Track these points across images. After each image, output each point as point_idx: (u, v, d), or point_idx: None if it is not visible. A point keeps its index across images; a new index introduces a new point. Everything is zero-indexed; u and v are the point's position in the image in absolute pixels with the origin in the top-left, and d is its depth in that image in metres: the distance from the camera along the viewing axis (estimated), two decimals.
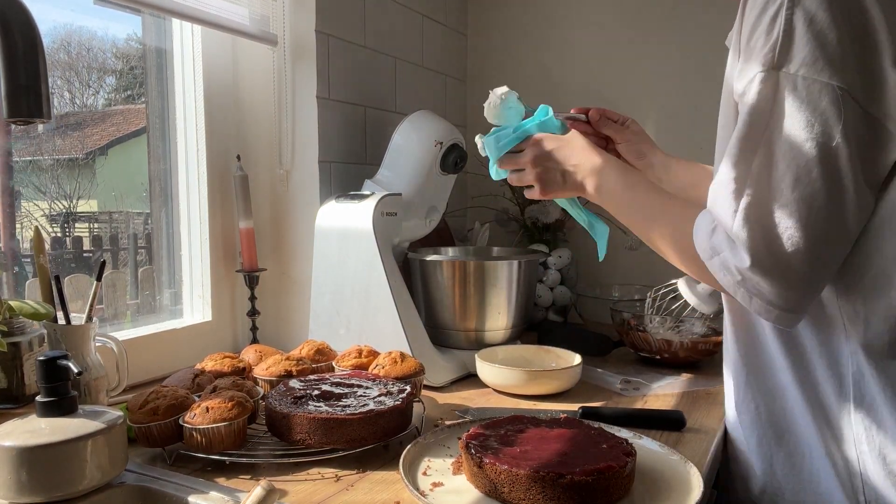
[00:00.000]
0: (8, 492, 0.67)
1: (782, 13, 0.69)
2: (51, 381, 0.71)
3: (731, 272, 0.72)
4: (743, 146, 0.72)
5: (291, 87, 1.26)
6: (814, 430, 0.81)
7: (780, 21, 0.69)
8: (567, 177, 0.92)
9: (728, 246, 0.72)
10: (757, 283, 0.71)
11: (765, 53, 0.70)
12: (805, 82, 0.68)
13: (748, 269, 0.70)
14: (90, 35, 1.17)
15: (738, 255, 0.71)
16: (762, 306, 0.72)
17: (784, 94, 0.69)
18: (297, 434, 0.80)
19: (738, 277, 0.72)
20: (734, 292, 0.74)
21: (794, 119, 0.69)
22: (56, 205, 1.17)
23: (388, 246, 1.15)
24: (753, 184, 0.71)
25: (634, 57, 1.62)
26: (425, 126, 1.24)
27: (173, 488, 0.73)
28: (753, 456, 0.89)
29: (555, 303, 1.56)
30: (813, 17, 0.68)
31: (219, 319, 1.29)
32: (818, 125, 0.68)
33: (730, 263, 0.72)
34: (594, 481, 0.66)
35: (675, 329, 1.25)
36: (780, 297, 0.71)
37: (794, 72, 0.69)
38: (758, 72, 0.71)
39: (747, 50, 0.73)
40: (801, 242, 0.69)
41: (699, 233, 0.76)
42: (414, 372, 0.98)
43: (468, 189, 1.81)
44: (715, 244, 0.74)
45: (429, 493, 0.71)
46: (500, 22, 1.78)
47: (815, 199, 0.68)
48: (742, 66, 0.74)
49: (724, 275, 0.73)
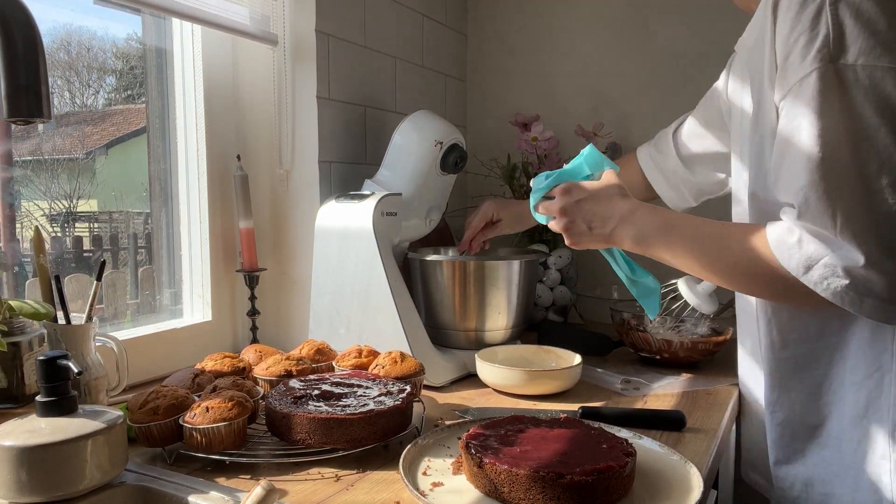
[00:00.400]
0: (8, 492, 0.67)
1: (826, 10, 0.70)
2: (51, 380, 0.71)
3: (837, 277, 0.70)
4: (819, 145, 0.70)
5: (291, 87, 1.26)
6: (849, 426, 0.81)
7: (825, 16, 0.70)
8: (594, 228, 0.88)
9: (830, 250, 0.70)
10: (869, 281, 0.69)
11: (817, 49, 0.70)
12: (866, 70, 0.68)
13: (862, 266, 0.69)
14: (90, 35, 1.17)
15: (847, 256, 0.70)
16: (876, 305, 0.70)
17: (848, 84, 0.69)
18: (297, 434, 0.80)
19: (845, 281, 0.70)
20: (840, 299, 0.71)
21: (865, 107, 0.69)
22: (56, 205, 1.17)
23: (388, 246, 1.15)
24: (843, 180, 0.70)
25: (634, 57, 1.62)
26: (425, 126, 1.24)
27: (173, 488, 0.73)
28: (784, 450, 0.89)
29: (555, 303, 1.56)
30: (859, 9, 0.69)
31: (219, 319, 1.29)
32: (888, 108, 0.68)
33: (835, 268, 0.70)
34: (594, 481, 0.66)
35: (676, 329, 1.25)
36: (892, 289, 0.70)
37: (852, 62, 0.69)
38: (812, 69, 0.70)
39: (786, 51, 0.72)
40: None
41: (783, 248, 0.74)
42: (414, 372, 0.98)
43: (468, 189, 1.81)
44: (810, 254, 0.72)
45: (429, 493, 0.71)
46: (500, 22, 1.78)
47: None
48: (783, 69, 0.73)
49: (827, 284, 0.71)
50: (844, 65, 0.69)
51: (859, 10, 0.69)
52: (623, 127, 1.62)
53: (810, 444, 0.87)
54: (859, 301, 0.71)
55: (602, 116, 1.63)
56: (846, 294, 0.71)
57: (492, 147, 1.75)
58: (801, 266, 0.72)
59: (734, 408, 1.05)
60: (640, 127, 1.63)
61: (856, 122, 0.69)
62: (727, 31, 1.51)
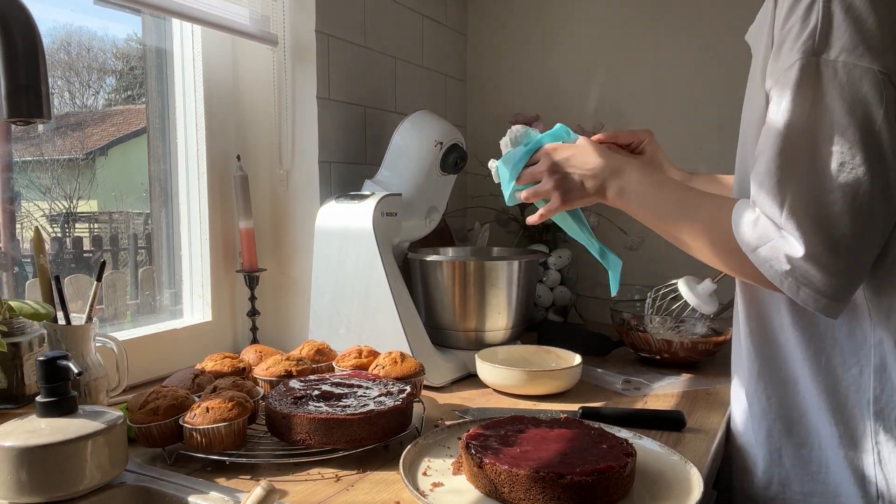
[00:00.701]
0: (8, 492, 0.67)
1: (819, 1, 0.70)
2: (51, 381, 0.71)
3: (780, 261, 0.72)
4: (784, 134, 0.72)
5: (291, 87, 1.27)
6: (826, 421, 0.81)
7: (817, 9, 0.70)
8: (586, 181, 0.90)
9: (776, 235, 0.72)
10: (807, 272, 0.70)
11: (803, 41, 0.70)
12: (846, 67, 0.69)
13: (801, 258, 0.70)
14: (90, 35, 1.17)
15: (789, 244, 0.71)
16: (810, 296, 0.72)
17: (825, 80, 0.70)
18: (298, 434, 0.80)
19: (786, 267, 0.71)
20: (780, 283, 0.73)
21: (836, 104, 0.69)
22: (56, 205, 1.17)
23: (388, 246, 1.15)
24: (798, 171, 0.71)
25: (634, 57, 1.62)
26: (425, 126, 1.24)
27: (173, 488, 0.73)
28: (760, 448, 0.89)
29: (555, 303, 1.56)
30: (851, 4, 0.69)
31: (219, 319, 1.29)
32: (860, 109, 0.69)
33: (779, 252, 0.71)
34: (594, 481, 0.66)
35: (675, 329, 1.25)
36: (830, 285, 0.70)
37: (834, 58, 0.69)
38: (796, 60, 0.71)
39: (780, 39, 0.73)
40: (849, 228, 0.69)
41: (741, 224, 0.76)
42: (414, 372, 0.98)
43: (468, 189, 1.81)
44: (760, 234, 0.73)
45: (429, 494, 0.71)
46: (500, 22, 1.78)
47: (861, 185, 0.69)
48: (775, 56, 0.74)
49: (770, 265, 0.73)
50: (826, 59, 0.69)
51: (850, 7, 0.69)
52: (623, 127, 1.62)
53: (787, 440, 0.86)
54: (796, 288, 0.72)
55: (602, 116, 1.63)
56: (785, 279, 0.72)
57: (492, 147, 1.74)
58: (752, 243, 0.74)
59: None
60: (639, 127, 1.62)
61: (824, 119, 0.70)
62: (727, 32, 1.51)
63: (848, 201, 0.69)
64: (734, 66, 1.24)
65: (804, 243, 0.70)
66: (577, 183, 0.91)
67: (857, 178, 0.69)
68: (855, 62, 0.68)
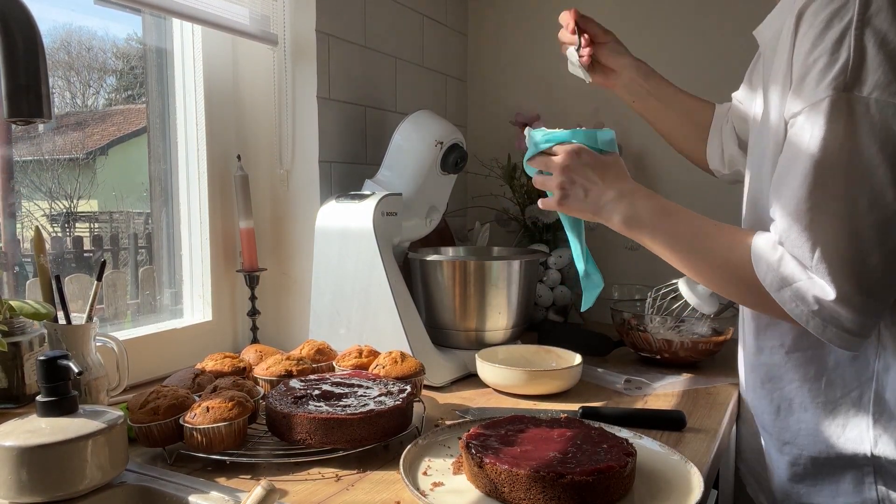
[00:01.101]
0: (8, 492, 0.67)
1: (851, 33, 0.67)
2: (51, 380, 0.71)
3: (807, 303, 0.71)
4: (815, 173, 0.70)
5: (291, 87, 1.26)
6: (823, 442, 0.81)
7: (848, 41, 0.67)
8: (590, 195, 0.87)
9: (804, 276, 0.71)
10: (836, 313, 0.70)
11: (833, 76, 0.68)
12: (878, 105, 0.67)
13: (832, 301, 0.69)
14: (90, 35, 1.17)
15: (818, 287, 0.70)
16: (838, 334, 0.71)
17: (858, 117, 0.67)
18: (298, 434, 0.80)
19: (814, 308, 0.70)
20: (806, 322, 0.72)
21: (868, 142, 0.67)
22: (56, 205, 1.17)
23: (388, 246, 1.15)
24: (830, 213, 0.69)
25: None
26: (426, 126, 1.24)
27: (173, 488, 0.73)
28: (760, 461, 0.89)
29: (555, 303, 1.56)
30: (885, 38, 0.66)
31: (219, 319, 1.29)
32: (891, 147, 0.67)
33: (807, 294, 0.70)
34: (594, 481, 0.66)
35: (676, 329, 1.25)
36: (857, 323, 0.70)
37: (867, 94, 0.67)
38: (826, 96, 0.68)
39: (804, 70, 0.71)
40: (880, 267, 0.68)
41: (762, 262, 0.74)
42: (414, 372, 0.98)
43: (468, 189, 1.81)
44: (786, 275, 0.72)
45: (429, 493, 0.71)
46: (500, 22, 1.78)
47: (891, 222, 0.68)
48: (799, 87, 0.72)
49: (797, 305, 0.72)
50: (858, 96, 0.67)
51: (885, 40, 0.66)
52: (623, 127, 1.62)
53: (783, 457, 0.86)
54: (823, 328, 0.71)
55: (602, 117, 1.63)
56: (812, 318, 0.71)
57: (492, 147, 1.75)
58: (776, 284, 0.73)
59: (734, 408, 1.05)
60: (640, 127, 1.62)
61: (856, 157, 0.68)
62: (728, 33, 1.51)
63: (879, 240, 0.68)
64: (735, 65, 1.24)
65: (835, 288, 0.69)
66: (580, 195, 0.88)
67: (887, 218, 0.68)
68: (889, 99, 0.66)
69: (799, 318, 0.72)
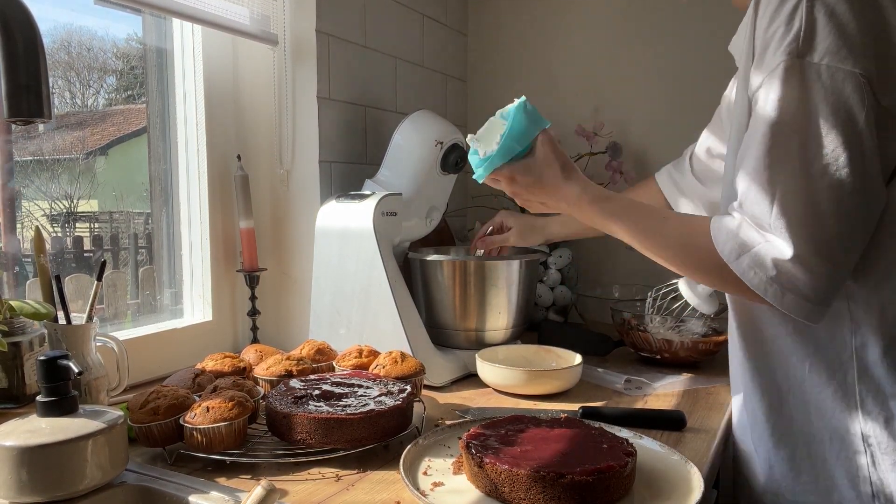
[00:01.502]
0: (8, 492, 0.67)
1: (802, 5, 0.70)
2: (51, 380, 0.71)
3: (765, 268, 0.72)
4: (772, 133, 0.72)
5: (291, 87, 1.26)
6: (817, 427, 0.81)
7: (800, 13, 0.70)
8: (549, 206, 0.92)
9: (762, 240, 0.72)
10: (793, 277, 0.71)
11: (787, 43, 0.71)
12: (829, 70, 0.69)
13: (789, 259, 0.70)
14: (90, 35, 1.17)
15: (776, 248, 0.71)
16: (795, 301, 0.72)
17: (809, 82, 0.70)
18: (298, 434, 0.80)
19: (771, 273, 0.71)
20: (764, 290, 0.73)
21: (821, 106, 0.70)
22: (56, 205, 1.17)
23: (388, 246, 1.15)
24: (789, 168, 0.71)
25: (634, 57, 1.62)
26: (426, 126, 1.24)
27: (174, 488, 0.73)
28: (755, 454, 0.89)
29: (555, 303, 1.56)
30: (833, 9, 0.70)
31: (219, 319, 1.29)
32: (843, 112, 0.69)
33: (765, 259, 0.71)
34: (595, 481, 0.66)
35: (676, 329, 1.25)
36: (815, 289, 0.71)
37: (818, 61, 0.70)
38: (781, 61, 0.71)
39: (763, 43, 0.74)
40: (835, 230, 0.70)
41: (721, 232, 0.76)
42: (414, 372, 0.98)
43: (468, 189, 1.81)
44: (745, 240, 0.73)
45: (429, 493, 0.71)
46: (500, 22, 1.78)
47: (845, 186, 0.69)
48: (759, 60, 0.75)
49: (755, 273, 0.72)
50: (810, 62, 0.70)
51: (833, 11, 0.70)
52: (623, 127, 1.62)
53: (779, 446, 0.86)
54: (781, 295, 0.72)
55: (602, 116, 1.63)
56: (769, 286, 0.72)
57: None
58: (734, 252, 0.74)
59: None
60: (640, 127, 1.63)
61: (810, 119, 0.70)
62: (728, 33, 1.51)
63: (834, 203, 0.70)
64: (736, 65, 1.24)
65: (793, 244, 0.70)
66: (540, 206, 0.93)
67: (842, 181, 0.69)
68: (838, 65, 0.69)
69: (758, 288, 0.73)
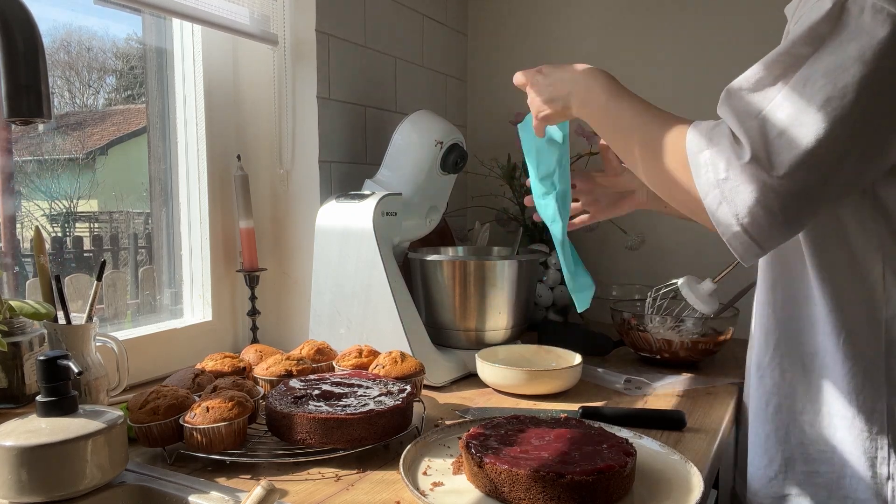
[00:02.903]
0: (8, 491, 0.67)
1: None
2: (51, 380, 0.71)
3: (716, 168, 0.69)
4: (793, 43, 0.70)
5: (291, 87, 1.26)
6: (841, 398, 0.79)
7: None
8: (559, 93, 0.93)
9: (729, 140, 0.70)
10: (738, 187, 0.68)
11: None
12: (873, 10, 0.67)
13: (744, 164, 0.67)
14: (90, 35, 1.17)
15: (737, 149, 0.69)
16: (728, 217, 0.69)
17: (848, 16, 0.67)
18: (298, 434, 0.80)
19: (720, 175, 0.69)
20: (706, 192, 0.71)
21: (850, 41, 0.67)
22: (56, 205, 1.17)
23: (388, 246, 1.15)
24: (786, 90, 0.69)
25: (634, 56, 1.62)
26: (425, 126, 1.24)
27: (173, 488, 0.73)
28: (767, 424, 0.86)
29: (555, 302, 1.56)
30: None
31: (219, 319, 1.29)
32: (869, 52, 0.66)
33: (721, 156, 0.69)
34: (594, 481, 0.66)
35: (676, 329, 1.25)
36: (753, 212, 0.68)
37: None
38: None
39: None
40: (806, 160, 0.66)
41: (698, 127, 0.74)
42: (414, 372, 0.98)
43: (468, 189, 1.81)
44: (714, 136, 0.71)
45: (429, 493, 0.71)
46: (500, 22, 1.78)
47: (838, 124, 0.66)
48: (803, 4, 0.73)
49: (707, 171, 0.70)
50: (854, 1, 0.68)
51: None
52: None
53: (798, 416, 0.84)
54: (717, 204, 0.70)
55: None
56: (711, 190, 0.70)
57: (492, 147, 1.75)
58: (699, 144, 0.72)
59: (734, 408, 1.05)
60: None
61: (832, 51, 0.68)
62: (728, 33, 1.51)
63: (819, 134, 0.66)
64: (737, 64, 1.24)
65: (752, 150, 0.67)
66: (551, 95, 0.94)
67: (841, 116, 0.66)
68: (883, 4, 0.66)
69: (702, 188, 0.71)
